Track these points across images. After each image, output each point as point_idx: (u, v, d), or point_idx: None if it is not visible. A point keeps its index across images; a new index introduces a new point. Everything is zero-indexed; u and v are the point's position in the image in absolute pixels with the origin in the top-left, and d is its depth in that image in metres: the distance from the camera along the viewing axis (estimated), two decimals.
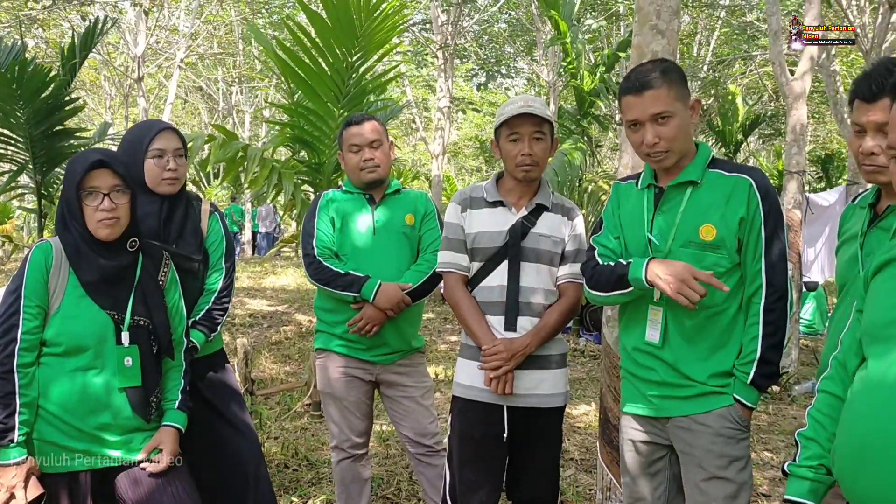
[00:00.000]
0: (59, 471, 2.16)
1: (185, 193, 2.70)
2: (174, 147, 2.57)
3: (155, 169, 2.54)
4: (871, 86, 1.76)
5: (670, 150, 2.07)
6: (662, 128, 2.06)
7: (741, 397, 2.05)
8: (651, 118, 2.05)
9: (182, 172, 2.63)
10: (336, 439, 3.03)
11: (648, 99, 2.05)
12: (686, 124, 2.09)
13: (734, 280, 2.08)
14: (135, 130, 2.66)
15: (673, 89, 2.06)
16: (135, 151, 2.54)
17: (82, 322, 2.16)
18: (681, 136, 2.07)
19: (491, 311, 2.49)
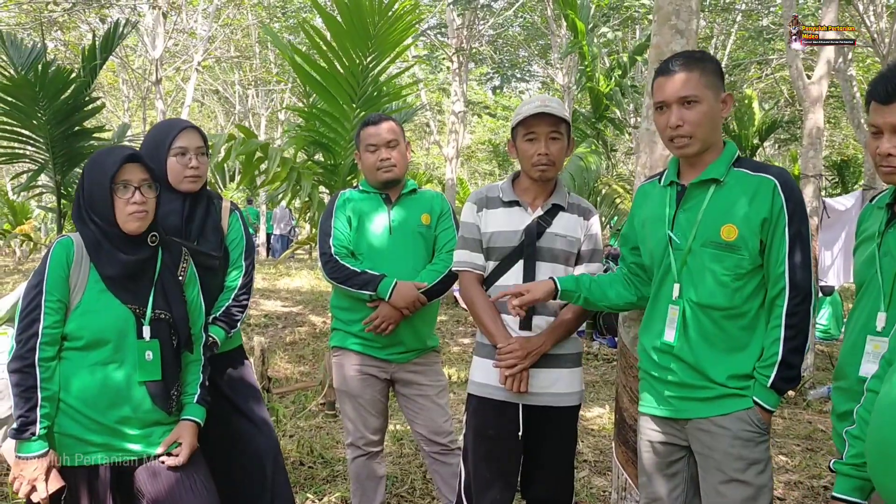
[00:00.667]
0: (80, 464, 2.18)
1: (206, 192, 2.73)
2: (196, 145, 2.60)
3: (177, 167, 2.58)
4: (886, 87, 1.75)
5: (693, 136, 2.06)
6: (688, 111, 2.05)
7: (761, 400, 2.04)
8: (678, 100, 2.06)
9: (204, 170, 2.66)
10: (351, 436, 3.05)
11: (678, 81, 2.05)
12: (714, 114, 2.08)
13: (756, 281, 2.07)
14: (157, 129, 2.69)
15: (704, 77, 2.06)
16: (158, 149, 2.57)
17: (103, 316, 2.18)
18: (706, 124, 2.06)
19: (506, 309, 2.50)
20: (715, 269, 2.06)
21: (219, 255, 2.70)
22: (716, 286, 2.06)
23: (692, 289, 2.09)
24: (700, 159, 2.12)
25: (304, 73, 4.75)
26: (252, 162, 4.87)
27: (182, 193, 2.62)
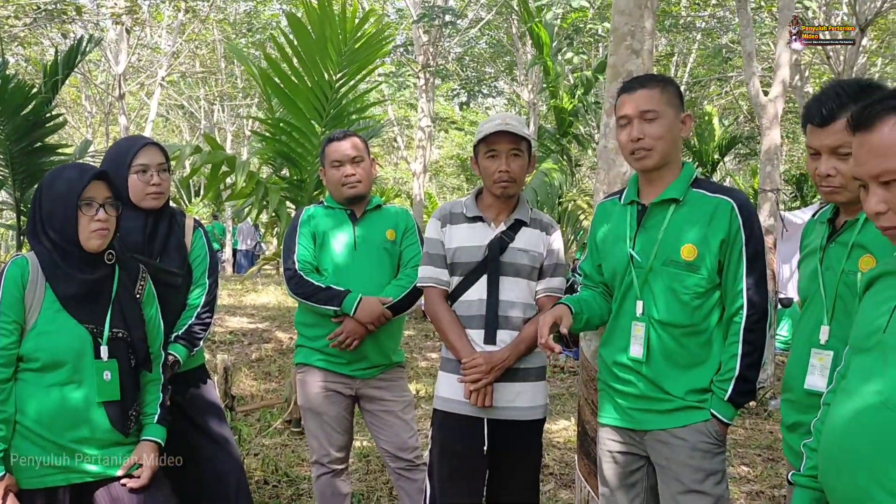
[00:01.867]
0: (37, 486, 2.14)
1: (169, 208, 2.71)
2: (157, 162, 2.59)
3: (139, 184, 2.56)
4: (821, 110, 1.82)
5: (653, 150, 2.12)
6: (648, 126, 2.11)
7: (718, 413, 2.08)
8: (639, 115, 2.12)
9: (166, 187, 2.64)
10: (316, 454, 3.03)
11: (640, 96, 2.13)
12: (674, 131, 2.15)
13: (713, 299, 2.13)
14: (118, 146, 2.67)
15: (665, 94, 2.13)
16: (119, 167, 2.55)
17: (60, 337, 2.15)
18: (666, 139, 2.13)
19: (471, 324, 2.52)
20: (675, 288, 2.11)
21: (181, 273, 2.67)
22: (676, 304, 2.11)
23: (654, 306, 2.14)
24: (659, 178, 2.17)
25: (272, 85, 4.74)
26: (218, 175, 4.83)
27: (144, 211, 2.60)
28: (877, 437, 1.32)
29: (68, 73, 6.44)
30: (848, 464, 1.37)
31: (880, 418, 1.32)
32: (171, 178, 2.77)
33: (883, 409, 1.32)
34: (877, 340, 1.39)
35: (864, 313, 1.48)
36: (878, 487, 1.30)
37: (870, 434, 1.33)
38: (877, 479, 1.30)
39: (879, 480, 1.30)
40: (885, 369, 1.33)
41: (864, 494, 1.32)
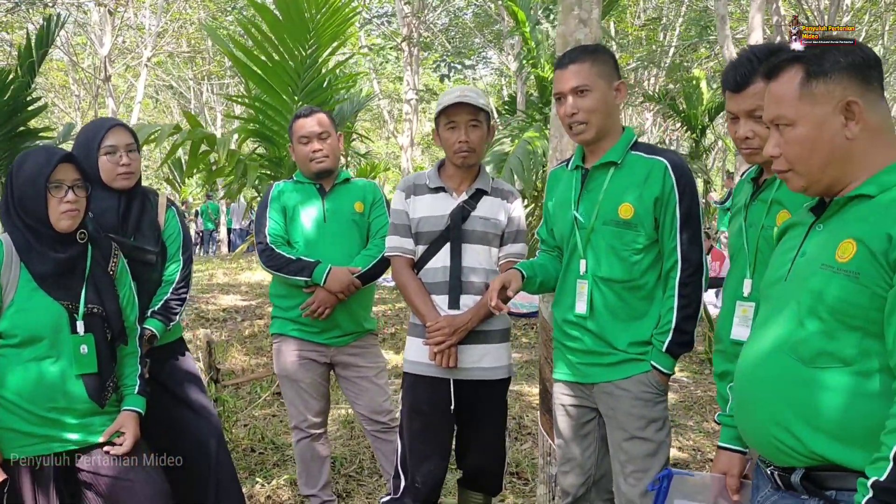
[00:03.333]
0: (22, 455, 2.24)
1: (141, 188, 2.79)
2: (126, 143, 2.66)
3: (108, 165, 2.63)
4: (735, 77, 1.90)
5: (588, 123, 2.20)
6: (582, 100, 2.19)
7: (658, 364, 2.20)
8: (571, 90, 2.19)
9: (135, 167, 2.71)
10: (295, 420, 3.15)
11: (570, 72, 2.19)
12: (608, 102, 2.22)
13: (652, 256, 2.23)
14: (86, 130, 2.74)
15: (596, 66, 2.20)
16: (88, 150, 2.63)
17: (36, 314, 2.24)
18: (600, 111, 2.20)
19: (436, 290, 2.62)
20: (615, 245, 2.21)
21: (155, 251, 2.76)
22: (616, 261, 2.21)
23: (596, 264, 2.25)
24: (599, 146, 2.27)
25: (244, 67, 4.80)
26: (198, 153, 4.90)
27: (117, 191, 2.68)
28: (772, 378, 1.43)
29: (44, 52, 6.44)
30: (750, 403, 1.48)
31: (775, 361, 1.43)
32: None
33: (777, 353, 1.42)
34: (778, 289, 1.49)
35: (772, 263, 1.58)
36: (773, 424, 1.41)
37: (766, 376, 1.44)
38: (773, 417, 1.41)
39: (775, 417, 1.41)
40: (781, 316, 1.44)
41: (763, 430, 1.44)
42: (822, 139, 1.40)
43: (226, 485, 2.79)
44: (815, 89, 1.39)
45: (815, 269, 1.39)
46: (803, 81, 1.40)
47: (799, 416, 1.38)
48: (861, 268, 1.31)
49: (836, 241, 1.37)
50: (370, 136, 22.47)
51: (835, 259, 1.35)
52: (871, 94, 1.39)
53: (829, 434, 1.35)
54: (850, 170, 1.40)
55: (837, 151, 1.40)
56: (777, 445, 1.42)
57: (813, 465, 1.38)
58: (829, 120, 1.39)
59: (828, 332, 1.35)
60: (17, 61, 6.40)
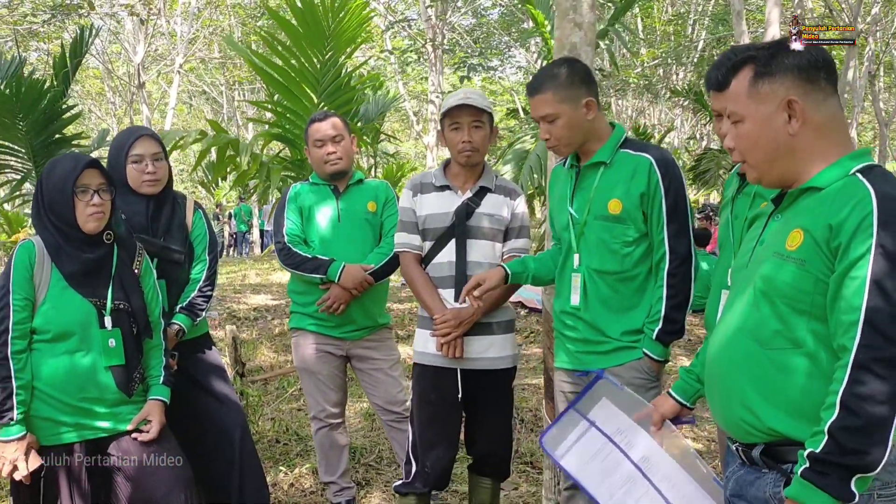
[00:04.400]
0: (55, 443, 2.41)
1: (170, 192, 2.95)
2: (152, 152, 2.82)
3: (134, 172, 2.80)
4: (717, 77, 1.99)
5: (559, 145, 2.34)
6: (552, 126, 2.31)
7: (649, 351, 2.31)
8: (540, 118, 2.32)
9: (161, 174, 2.86)
10: (313, 410, 3.30)
11: (537, 102, 2.32)
12: (577, 121, 2.31)
13: (642, 249, 2.33)
14: (118, 138, 2.91)
15: (559, 93, 2.28)
16: (118, 157, 2.80)
17: (67, 310, 2.40)
18: (570, 132, 2.31)
19: (442, 284, 2.74)
20: (606, 239, 2.32)
21: (183, 251, 2.92)
22: (607, 254, 2.33)
23: (589, 257, 2.36)
24: (587, 147, 2.38)
25: (266, 74, 4.97)
26: (224, 158, 5.08)
27: (147, 196, 2.85)
28: (733, 359, 1.53)
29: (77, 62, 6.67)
30: (716, 383, 1.59)
31: (736, 343, 1.53)
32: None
33: (737, 335, 1.53)
34: (741, 275, 1.59)
35: (739, 251, 1.68)
36: (736, 402, 1.52)
37: (729, 357, 1.55)
38: (735, 395, 1.52)
39: (737, 396, 1.51)
40: (741, 300, 1.54)
41: (727, 408, 1.54)
42: (766, 135, 1.49)
43: (249, 472, 2.95)
44: (760, 88, 1.49)
45: (768, 257, 1.49)
46: (752, 81, 1.50)
47: (757, 394, 1.47)
48: (807, 255, 1.40)
49: (787, 230, 1.46)
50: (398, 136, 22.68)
51: (785, 247, 1.44)
52: (816, 94, 1.47)
53: (783, 411, 1.44)
54: (797, 164, 1.49)
55: (781, 147, 1.48)
56: (739, 423, 1.51)
57: (771, 440, 1.47)
58: (772, 117, 1.48)
59: (779, 316, 1.45)
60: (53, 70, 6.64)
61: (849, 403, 1.31)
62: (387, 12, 12.43)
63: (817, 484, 1.33)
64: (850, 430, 1.31)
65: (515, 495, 3.49)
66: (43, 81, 6.11)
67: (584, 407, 2.08)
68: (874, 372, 1.30)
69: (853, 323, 1.33)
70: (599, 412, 2.06)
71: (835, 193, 1.41)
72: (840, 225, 1.36)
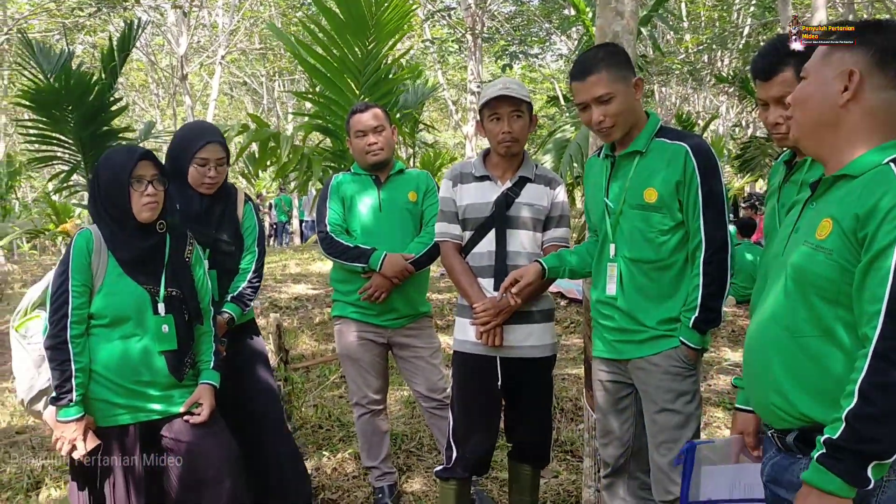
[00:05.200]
0: (110, 424, 2.51)
1: (225, 186, 3.02)
2: (217, 157, 2.89)
3: (196, 174, 2.88)
4: (764, 66, 1.99)
5: (615, 125, 2.32)
6: (607, 106, 2.29)
7: (686, 339, 2.30)
8: (595, 100, 2.30)
9: (220, 179, 2.95)
10: (356, 396, 3.36)
11: (591, 84, 2.29)
12: (629, 101, 2.32)
13: (679, 236, 2.33)
14: (185, 135, 2.98)
15: (612, 72, 2.29)
16: (182, 156, 2.88)
17: (123, 297, 2.50)
18: (624, 112, 2.31)
19: (482, 274, 2.78)
20: (642, 228, 2.33)
21: (234, 242, 3.01)
22: (644, 243, 2.33)
23: (625, 246, 2.36)
24: (626, 136, 2.37)
25: (308, 65, 5.03)
26: (266, 151, 5.17)
27: None
28: (767, 347, 1.55)
29: (125, 56, 6.82)
30: (753, 371, 1.61)
31: (769, 331, 1.54)
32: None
33: (770, 324, 1.54)
34: (776, 263, 1.60)
35: (776, 238, 1.68)
36: (770, 389, 1.54)
37: (763, 345, 1.56)
38: (769, 383, 1.54)
39: (771, 383, 1.53)
40: (774, 289, 1.55)
41: (763, 395, 1.56)
42: (818, 97, 1.50)
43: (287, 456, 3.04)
44: (835, 53, 1.49)
45: (799, 245, 1.50)
46: (832, 45, 1.51)
47: (790, 381, 1.49)
48: (834, 245, 1.41)
49: (818, 219, 1.47)
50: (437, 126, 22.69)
51: (815, 236, 1.46)
52: (881, 79, 1.46)
53: (815, 398, 1.46)
54: (837, 140, 1.49)
55: (827, 114, 1.49)
56: (773, 410, 1.53)
57: (804, 426, 1.49)
58: (829, 82, 1.48)
59: (809, 305, 1.46)
60: (100, 63, 6.80)
61: (866, 392, 1.33)
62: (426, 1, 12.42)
63: (833, 469, 1.35)
64: (866, 418, 1.33)
65: (555, 483, 3.52)
66: (91, 74, 6.27)
67: (693, 493, 2.00)
68: (893, 361, 1.32)
69: (876, 313, 1.34)
70: (708, 484, 1.99)
71: (865, 183, 1.41)
72: (867, 215, 1.37)
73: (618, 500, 2.58)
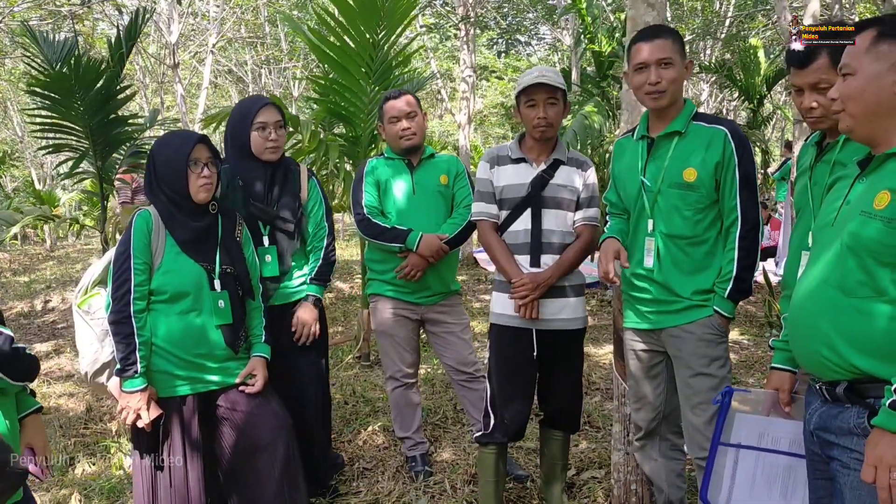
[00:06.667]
0: (170, 394, 2.64)
1: (284, 160, 3.15)
2: (275, 119, 3.02)
3: (259, 139, 3.00)
4: (800, 54, 2.16)
5: (666, 91, 2.48)
6: (665, 70, 2.47)
7: (720, 308, 2.49)
8: (657, 62, 2.46)
9: (282, 142, 3.07)
10: (390, 370, 3.52)
11: (657, 45, 2.47)
12: (681, 76, 2.50)
13: (712, 215, 2.51)
14: (241, 106, 3.11)
15: (675, 44, 2.48)
16: (243, 124, 3.00)
17: (181, 273, 2.63)
18: (677, 82, 2.49)
19: (518, 251, 2.93)
20: (679, 206, 2.50)
21: (293, 220, 3.11)
22: (680, 219, 2.50)
23: (662, 223, 2.54)
24: (665, 114, 2.54)
25: (321, 52, 5.13)
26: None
27: (263, 163, 3.04)
28: (820, 306, 1.72)
29: (132, 44, 6.87)
30: (802, 328, 1.78)
31: (822, 293, 1.72)
32: None
33: (824, 286, 1.72)
34: (827, 232, 1.77)
35: (822, 210, 1.86)
36: (821, 344, 1.71)
37: (815, 305, 1.74)
38: (820, 338, 1.71)
39: (823, 339, 1.71)
40: (828, 254, 1.72)
41: (813, 350, 1.74)
42: (872, 90, 1.66)
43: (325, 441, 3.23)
44: (880, 47, 1.66)
45: (855, 215, 1.67)
46: (874, 40, 1.67)
47: (842, 337, 1.67)
48: (894, 214, 1.58)
49: (874, 191, 1.65)
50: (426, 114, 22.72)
51: (872, 206, 1.63)
52: None
53: (866, 352, 1.63)
54: (893, 124, 1.66)
55: (884, 104, 1.66)
56: (824, 363, 1.71)
57: (854, 378, 1.67)
58: (883, 75, 1.65)
59: (864, 268, 1.63)
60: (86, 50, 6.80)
61: None
62: None
63: None
64: None
65: (577, 451, 3.70)
66: (100, 62, 6.31)
67: (725, 435, 2.19)
68: None
69: None
70: (740, 431, 2.18)
71: None
72: None
73: (649, 461, 2.77)
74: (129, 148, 6.99)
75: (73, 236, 19.55)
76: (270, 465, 2.75)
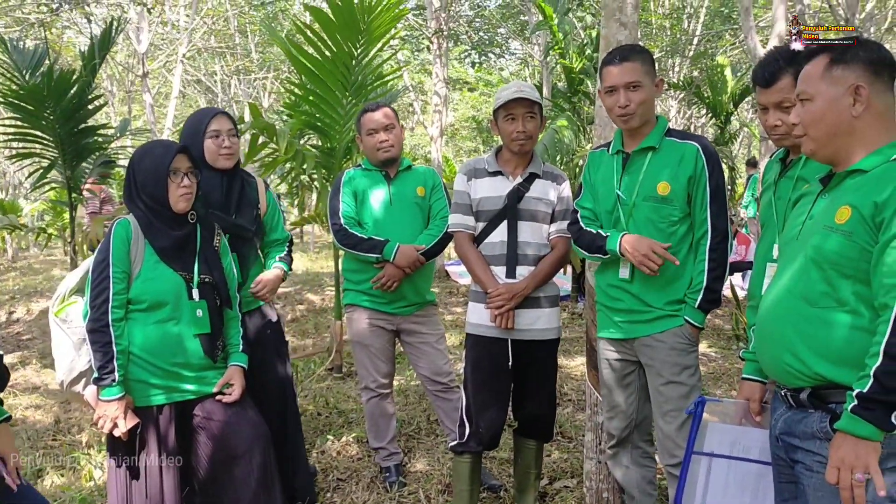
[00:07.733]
0: (146, 404, 2.63)
1: (239, 170, 3.18)
2: (227, 128, 3.06)
3: (212, 146, 3.03)
4: (764, 74, 2.26)
5: (636, 114, 2.56)
6: (633, 93, 2.54)
7: (690, 318, 2.57)
8: (625, 85, 2.54)
9: (235, 149, 3.10)
10: (365, 380, 3.54)
11: (626, 69, 2.54)
12: (651, 96, 2.58)
13: (684, 227, 2.59)
14: (193, 117, 3.15)
15: (643, 66, 2.55)
16: (195, 133, 3.03)
17: (160, 282, 2.63)
18: (646, 103, 2.57)
19: (494, 262, 2.98)
20: (654, 218, 2.58)
21: (252, 228, 3.16)
22: (654, 231, 2.58)
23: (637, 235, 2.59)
24: (639, 132, 2.62)
25: (299, 63, 5.15)
26: (256, 144, 5.27)
27: (220, 172, 3.07)
28: (785, 316, 1.80)
29: (104, 55, 6.83)
30: (768, 337, 1.86)
31: (787, 303, 1.80)
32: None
33: (789, 296, 1.80)
34: (791, 246, 1.85)
35: (787, 225, 1.94)
36: (786, 352, 1.79)
37: (780, 315, 1.82)
38: (785, 347, 1.79)
39: (787, 347, 1.79)
40: (793, 266, 1.81)
41: (778, 358, 1.82)
42: (832, 113, 1.75)
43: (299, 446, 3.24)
44: (834, 73, 1.75)
45: (818, 229, 1.75)
46: (827, 66, 1.76)
47: (806, 345, 1.74)
48: (854, 228, 1.67)
49: (836, 206, 1.73)
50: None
51: (834, 221, 1.71)
52: (879, 85, 1.74)
53: (829, 359, 1.71)
54: (852, 143, 1.75)
55: (843, 126, 1.75)
56: (788, 370, 1.78)
57: (817, 384, 1.75)
58: (840, 99, 1.74)
59: (827, 279, 1.72)
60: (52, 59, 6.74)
61: (891, 351, 1.58)
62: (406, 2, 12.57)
63: (865, 417, 1.60)
64: (892, 373, 1.58)
65: (549, 461, 3.75)
66: (72, 72, 6.27)
67: (699, 444, 2.26)
68: None
69: (894, 285, 1.59)
70: (712, 439, 2.24)
71: (879, 176, 1.68)
72: (884, 202, 1.63)
73: (621, 468, 2.83)
74: (98, 158, 6.93)
75: (36, 247, 19.22)
76: (247, 473, 2.75)
